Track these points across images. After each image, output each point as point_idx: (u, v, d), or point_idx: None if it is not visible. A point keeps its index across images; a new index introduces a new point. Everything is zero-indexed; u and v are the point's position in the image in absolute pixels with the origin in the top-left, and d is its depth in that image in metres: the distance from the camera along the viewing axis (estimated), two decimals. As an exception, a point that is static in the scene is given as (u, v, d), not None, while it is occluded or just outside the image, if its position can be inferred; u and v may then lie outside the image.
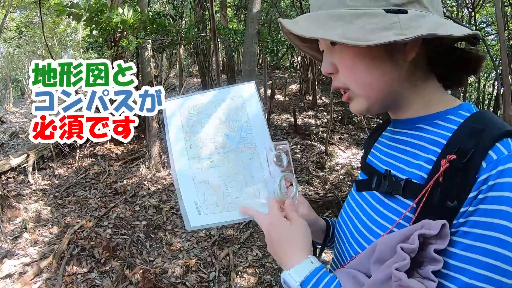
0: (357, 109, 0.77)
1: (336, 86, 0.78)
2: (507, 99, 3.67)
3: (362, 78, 0.72)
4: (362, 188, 0.86)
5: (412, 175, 0.71)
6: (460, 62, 0.75)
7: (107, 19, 4.56)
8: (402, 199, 0.72)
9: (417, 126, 0.77)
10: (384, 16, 0.65)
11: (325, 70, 0.78)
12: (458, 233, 0.61)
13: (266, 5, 10.95)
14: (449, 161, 0.62)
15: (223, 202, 0.89)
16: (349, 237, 0.84)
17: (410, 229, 0.64)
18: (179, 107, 0.96)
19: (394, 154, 0.81)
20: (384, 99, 0.75)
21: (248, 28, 4.80)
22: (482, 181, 0.60)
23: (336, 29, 0.65)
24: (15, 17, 15.20)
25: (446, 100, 0.76)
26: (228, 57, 13.38)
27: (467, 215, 0.60)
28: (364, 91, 0.73)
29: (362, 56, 0.70)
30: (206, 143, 0.93)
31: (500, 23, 3.86)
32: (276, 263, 4.39)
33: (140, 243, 4.66)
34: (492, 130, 0.64)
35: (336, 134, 9.19)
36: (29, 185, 6.03)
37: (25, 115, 11.66)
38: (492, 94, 11.37)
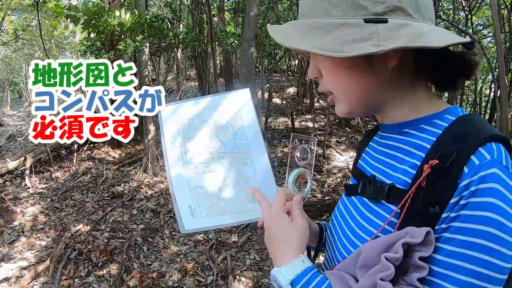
0: (339, 112, 0.80)
1: (322, 90, 0.80)
2: (503, 101, 3.69)
3: (342, 85, 0.74)
4: (351, 193, 0.87)
5: (397, 180, 0.72)
6: (452, 66, 0.74)
7: (104, 22, 4.55)
8: (387, 204, 0.72)
9: (404, 131, 0.77)
10: (363, 27, 0.64)
11: (311, 75, 0.80)
12: (441, 239, 0.61)
13: (263, 8, 10.97)
14: (431, 166, 0.62)
15: (217, 206, 0.90)
16: (337, 242, 0.85)
17: (394, 236, 0.64)
18: (174, 113, 0.98)
19: (381, 159, 0.81)
20: (365, 104, 0.76)
21: (245, 32, 4.82)
22: (463, 186, 0.59)
23: (314, 40, 0.65)
24: (13, 19, 15.19)
25: (433, 104, 0.76)
26: (225, 60, 13.39)
27: (449, 220, 0.60)
28: (344, 96, 0.75)
29: (341, 65, 0.71)
30: (201, 149, 0.94)
31: (497, 25, 3.88)
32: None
33: (138, 246, 4.64)
34: (476, 135, 0.63)
35: (333, 137, 9.19)
36: (26, 189, 6.01)
37: (23, 118, 11.63)
38: (489, 96, 11.40)
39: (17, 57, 17.12)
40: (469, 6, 8.62)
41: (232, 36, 6.73)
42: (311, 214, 5.74)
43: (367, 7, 0.65)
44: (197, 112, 0.99)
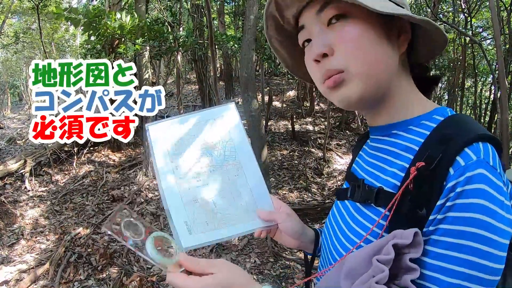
0: (349, 93, 0.70)
1: (329, 69, 0.70)
2: (504, 103, 3.69)
3: (367, 54, 0.68)
4: (341, 197, 0.87)
5: (386, 183, 0.71)
6: (422, 80, 0.80)
7: (104, 24, 4.56)
8: (376, 207, 0.71)
9: (393, 132, 0.76)
10: (386, 1, 0.68)
11: (319, 50, 0.69)
12: (429, 242, 0.60)
13: (263, 12, 10.99)
14: (418, 169, 0.62)
15: (213, 220, 0.89)
16: (331, 245, 0.84)
17: (381, 240, 0.63)
18: (162, 130, 0.97)
19: (372, 162, 0.81)
20: (380, 84, 0.71)
21: (245, 35, 4.82)
22: (449, 188, 0.59)
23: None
24: (13, 22, 15.21)
25: (422, 104, 0.76)
26: (225, 63, 13.41)
27: (436, 223, 0.59)
28: (366, 68, 0.68)
29: (369, 32, 0.68)
30: (191, 164, 0.94)
31: (496, 27, 3.88)
32: (274, 270, 4.37)
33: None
34: (462, 135, 0.62)
35: (333, 140, 9.20)
36: (26, 192, 6.00)
37: (23, 121, 11.62)
38: (489, 98, 11.41)
39: (18, 60, 17.15)
40: (468, 9, 8.63)
41: (232, 39, 6.73)
42: (312, 217, 5.73)
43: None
44: (186, 129, 1.00)
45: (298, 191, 6.89)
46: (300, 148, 8.72)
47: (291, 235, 0.95)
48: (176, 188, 0.89)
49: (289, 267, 4.41)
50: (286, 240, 0.97)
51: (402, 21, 0.71)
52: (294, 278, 4.20)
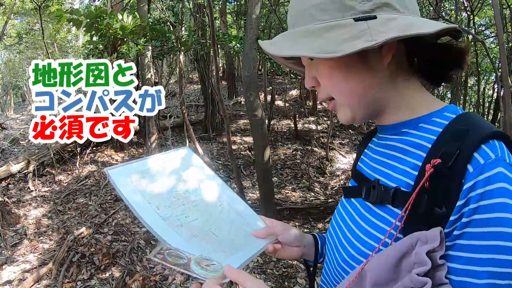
0: (343, 118, 0.78)
1: (322, 98, 0.78)
2: (507, 102, 3.67)
3: (341, 88, 0.72)
4: (351, 195, 0.86)
5: (399, 182, 0.70)
6: (442, 56, 0.74)
7: (107, 25, 4.57)
8: (391, 208, 0.70)
9: (403, 131, 0.75)
10: (354, 25, 0.64)
11: (308, 85, 0.78)
12: (456, 247, 0.59)
13: (265, 11, 10.98)
14: (434, 166, 0.61)
15: (224, 247, 0.86)
16: (338, 245, 0.83)
17: (403, 244, 0.62)
18: (125, 174, 0.93)
19: (381, 160, 0.79)
20: (367, 105, 0.74)
21: (247, 34, 4.81)
22: (469, 188, 0.58)
23: (307, 45, 0.65)
24: (16, 23, 15.26)
25: (430, 102, 0.75)
26: (228, 63, 13.41)
27: (462, 226, 0.58)
28: (345, 99, 0.73)
29: (338, 67, 0.70)
30: (171, 202, 0.91)
31: (499, 25, 3.87)
32: (277, 269, 4.36)
33: (140, 250, 4.63)
34: (477, 131, 0.62)
35: (336, 139, 9.18)
36: (29, 192, 6.02)
37: (26, 121, 11.66)
38: (492, 97, 11.37)
39: (20, 61, 17.20)
40: (471, 7, 8.60)
41: (234, 39, 6.73)
42: (315, 217, 5.73)
43: (355, 6, 0.65)
44: (151, 170, 0.98)
45: (301, 190, 6.88)
46: (303, 147, 8.71)
47: (293, 243, 0.97)
48: (169, 228, 0.84)
49: (291, 266, 4.41)
50: (288, 252, 0.98)
51: None
52: (297, 277, 4.20)
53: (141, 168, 0.97)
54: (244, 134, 9.24)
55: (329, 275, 0.86)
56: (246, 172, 7.46)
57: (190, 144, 7.56)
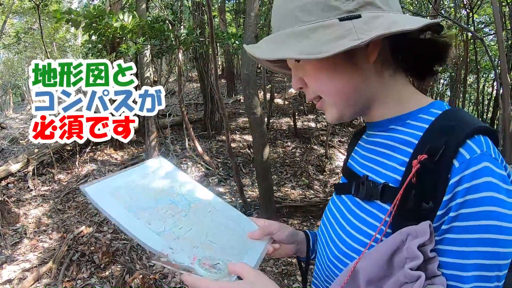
0: (330, 118, 0.78)
1: (309, 98, 0.79)
2: (506, 99, 3.67)
3: (328, 87, 0.73)
4: (341, 191, 0.87)
5: (388, 178, 0.71)
6: (425, 51, 0.75)
7: (105, 24, 4.56)
8: (380, 204, 0.71)
9: (390, 127, 0.76)
10: (339, 25, 0.64)
11: (295, 86, 0.79)
12: (445, 241, 0.60)
13: (265, 9, 10.98)
14: (420, 162, 0.62)
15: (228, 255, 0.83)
16: (329, 241, 0.83)
17: (394, 240, 0.62)
18: (103, 191, 0.86)
19: (370, 157, 0.80)
20: (354, 104, 0.75)
21: (246, 32, 4.81)
22: (455, 182, 0.59)
23: (292, 47, 0.65)
24: (15, 23, 15.22)
25: (417, 98, 0.76)
26: (227, 61, 13.40)
27: (449, 221, 0.60)
28: (333, 99, 0.74)
29: (324, 67, 0.71)
30: (160, 215, 0.86)
31: (498, 23, 3.87)
32: (276, 267, 4.37)
33: (140, 248, 4.63)
34: (463, 126, 0.63)
35: (336, 137, 9.18)
36: (29, 191, 6.02)
37: (25, 120, 11.65)
38: (492, 94, 11.38)
39: (19, 60, 17.17)
40: (470, 4, 8.59)
41: (233, 37, 6.72)
42: (314, 214, 5.74)
43: (339, 6, 0.66)
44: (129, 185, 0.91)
45: (300, 188, 6.89)
46: (302, 145, 8.72)
47: (288, 240, 0.98)
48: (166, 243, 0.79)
49: (291, 264, 4.42)
50: (283, 250, 0.99)
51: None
52: (296, 275, 4.21)
53: (119, 182, 0.91)
54: (244, 132, 9.24)
55: (321, 271, 0.87)
56: (246, 170, 7.47)
57: (189, 142, 7.56)
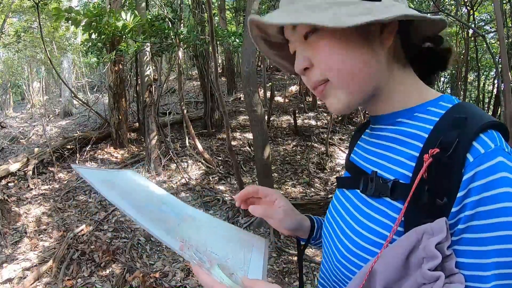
0: (336, 104, 0.73)
1: (313, 81, 0.73)
2: (507, 96, 3.66)
3: (341, 66, 0.68)
4: (345, 186, 0.84)
5: (396, 174, 0.69)
6: (430, 54, 0.75)
7: (106, 23, 4.55)
8: (389, 201, 0.68)
9: (397, 120, 0.74)
10: (359, 3, 0.63)
11: (300, 66, 0.73)
12: (463, 242, 0.58)
13: (264, 7, 10.96)
14: (432, 156, 0.59)
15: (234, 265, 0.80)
16: (336, 240, 0.80)
17: (409, 238, 0.60)
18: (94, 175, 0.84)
19: (377, 152, 0.77)
20: (364, 89, 0.71)
21: (246, 30, 4.79)
22: (469, 178, 0.57)
23: (313, 16, 0.63)
24: (14, 22, 15.21)
25: (424, 91, 0.74)
26: (227, 59, 13.39)
27: (466, 220, 0.57)
28: (343, 80, 0.69)
29: (339, 43, 0.67)
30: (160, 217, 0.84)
31: (499, 19, 3.85)
32: (277, 265, 4.36)
33: (140, 246, 4.63)
34: (475, 120, 0.61)
35: (336, 134, 9.18)
36: (29, 190, 6.02)
37: (25, 120, 11.66)
38: (492, 92, 11.37)
39: (19, 59, 17.17)
40: (471, 2, 8.57)
41: (233, 35, 6.71)
42: (315, 212, 5.73)
43: None
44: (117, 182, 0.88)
45: (301, 186, 6.88)
46: (303, 143, 8.71)
47: (288, 232, 0.96)
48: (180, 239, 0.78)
49: (292, 262, 4.41)
50: (281, 223, 0.94)
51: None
52: (297, 273, 4.20)
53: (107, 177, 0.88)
54: (244, 130, 9.23)
55: (329, 272, 0.83)
56: (246, 168, 7.46)
57: (189, 141, 7.56)
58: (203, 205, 5.78)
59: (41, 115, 11.53)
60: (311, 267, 4.33)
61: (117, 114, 7.83)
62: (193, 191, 6.29)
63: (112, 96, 7.90)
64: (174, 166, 7.01)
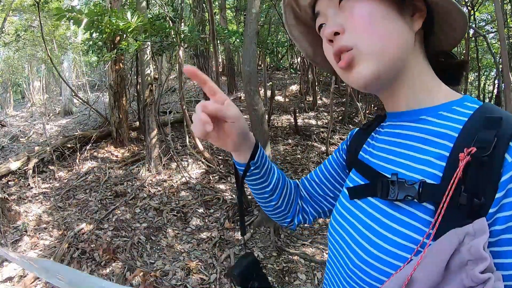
0: (365, 73, 0.68)
1: (341, 46, 0.69)
2: (508, 97, 3.66)
3: (378, 30, 0.67)
4: (358, 196, 0.79)
5: (423, 174, 0.66)
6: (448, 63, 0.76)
7: (107, 22, 4.55)
8: (417, 202, 0.65)
9: (421, 118, 0.71)
10: None
11: (331, 29, 0.70)
12: (502, 242, 0.56)
13: (265, 6, 10.96)
14: (469, 154, 0.57)
15: None
16: (354, 246, 0.74)
17: (451, 242, 0.57)
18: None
19: (396, 151, 0.74)
20: (394, 62, 0.69)
21: (247, 29, 4.79)
22: (509, 178, 0.55)
23: None
24: (14, 20, 15.21)
25: (447, 91, 0.73)
26: (228, 58, 13.39)
27: (505, 220, 0.56)
28: (376, 46, 0.67)
29: (376, 9, 0.67)
30: None
31: (500, 20, 3.85)
32: (277, 264, 4.37)
33: (141, 245, 4.64)
34: (510, 120, 0.60)
35: (336, 134, 9.18)
36: (29, 189, 6.02)
37: (26, 118, 11.66)
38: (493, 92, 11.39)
39: (19, 58, 17.16)
40: (472, 2, 8.57)
41: (234, 34, 6.72)
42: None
43: None
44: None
45: (301, 186, 6.88)
46: (303, 142, 8.71)
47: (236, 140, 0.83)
48: None
49: (292, 261, 4.42)
50: (223, 143, 0.83)
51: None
52: (297, 272, 4.20)
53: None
54: (244, 130, 9.22)
55: (340, 278, 0.78)
56: (246, 168, 7.45)
57: (190, 140, 7.56)
58: (203, 204, 5.78)
59: (41, 114, 11.53)
60: (311, 266, 4.33)
61: (118, 113, 7.83)
62: (194, 190, 6.29)
63: (112, 95, 7.90)
64: (175, 165, 7.02)
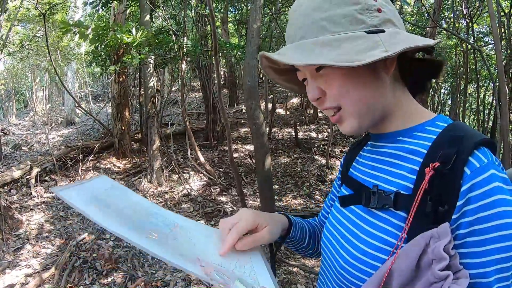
0: (348, 128, 0.80)
1: (326, 107, 0.80)
2: (504, 109, 3.72)
3: (352, 96, 0.75)
4: (348, 203, 0.89)
5: (398, 186, 0.75)
6: (425, 69, 0.82)
7: (112, 36, 4.63)
8: (393, 210, 0.75)
9: (398, 139, 0.81)
10: (367, 37, 0.70)
11: (313, 96, 0.79)
12: (467, 244, 0.65)
13: (266, 20, 11.09)
14: (434, 168, 0.67)
15: (242, 277, 0.78)
16: (339, 249, 0.85)
17: (419, 244, 0.66)
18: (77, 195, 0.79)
19: (378, 167, 0.84)
20: (373, 114, 0.79)
21: (248, 43, 4.87)
22: (468, 188, 0.64)
23: (325, 55, 0.69)
24: (19, 30, 15.36)
25: (422, 112, 0.82)
26: (229, 71, 13.49)
27: (468, 225, 0.64)
28: (355, 108, 0.77)
29: (350, 76, 0.74)
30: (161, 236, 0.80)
31: (496, 34, 3.93)
32: (278, 275, 4.38)
33: (142, 255, 4.66)
34: (470, 138, 0.68)
35: (337, 147, 9.22)
36: (31, 197, 6.06)
37: (28, 127, 11.73)
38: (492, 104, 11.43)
39: (23, 67, 17.29)
40: (470, 14, 8.67)
41: (236, 47, 6.80)
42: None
43: (365, 20, 0.72)
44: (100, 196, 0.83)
45: (301, 198, 6.91)
46: (304, 155, 8.76)
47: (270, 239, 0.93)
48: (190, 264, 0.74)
49: (292, 273, 4.43)
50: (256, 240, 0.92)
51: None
52: (297, 283, 4.22)
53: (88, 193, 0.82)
54: (245, 142, 9.29)
55: (329, 278, 0.89)
56: (247, 180, 7.50)
57: (191, 152, 7.61)
58: (204, 216, 5.81)
59: (44, 123, 11.60)
60: (311, 278, 4.35)
61: (120, 124, 7.90)
62: (195, 202, 6.33)
63: (115, 106, 7.98)
64: (176, 177, 7.06)
